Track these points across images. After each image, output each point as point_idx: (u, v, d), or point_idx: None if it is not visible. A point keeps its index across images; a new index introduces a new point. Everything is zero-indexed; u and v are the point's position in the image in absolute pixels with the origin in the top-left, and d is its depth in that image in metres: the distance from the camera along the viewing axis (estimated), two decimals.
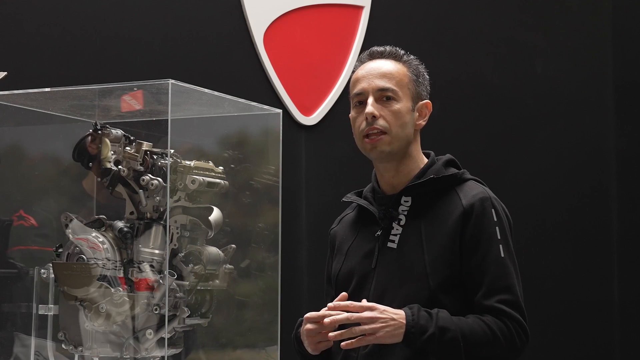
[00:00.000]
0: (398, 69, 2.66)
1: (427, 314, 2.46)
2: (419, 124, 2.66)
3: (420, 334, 2.43)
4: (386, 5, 4.87)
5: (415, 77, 2.66)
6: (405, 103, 2.63)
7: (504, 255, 2.53)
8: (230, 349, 2.82)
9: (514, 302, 2.50)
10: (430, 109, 2.69)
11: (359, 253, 2.66)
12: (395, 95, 2.63)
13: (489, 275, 2.51)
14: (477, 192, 2.58)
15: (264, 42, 4.47)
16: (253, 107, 2.85)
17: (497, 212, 2.56)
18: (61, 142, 2.78)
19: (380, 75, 2.64)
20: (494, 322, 2.48)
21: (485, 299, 2.50)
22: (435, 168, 2.64)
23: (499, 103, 5.23)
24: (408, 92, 2.64)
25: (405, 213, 2.61)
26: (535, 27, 5.35)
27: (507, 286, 2.51)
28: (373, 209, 2.65)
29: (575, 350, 5.28)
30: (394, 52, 2.69)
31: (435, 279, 2.52)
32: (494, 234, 2.53)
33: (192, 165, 2.60)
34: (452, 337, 2.44)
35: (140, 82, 2.59)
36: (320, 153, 4.63)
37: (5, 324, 2.69)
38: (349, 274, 2.66)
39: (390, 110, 2.62)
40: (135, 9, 4.08)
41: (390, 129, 2.61)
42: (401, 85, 2.64)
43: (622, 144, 5.45)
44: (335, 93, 4.68)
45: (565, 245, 5.33)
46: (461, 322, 2.46)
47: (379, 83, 2.63)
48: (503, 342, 2.47)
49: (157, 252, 2.54)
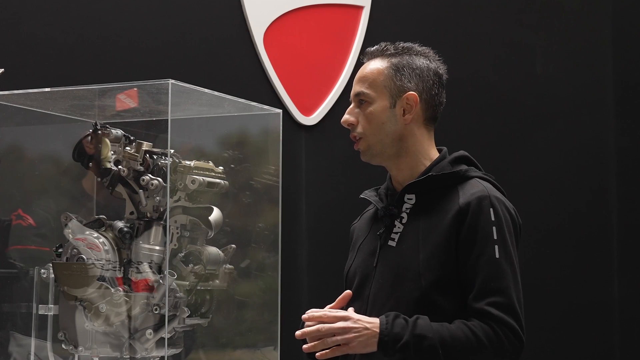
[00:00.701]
0: (375, 68, 2.60)
1: (404, 321, 2.41)
2: (406, 117, 2.58)
3: (394, 342, 2.39)
4: (386, 5, 4.87)
5: (394, 72, 2.58)
6: (380, 103, 2.58)
7: (499, 256, 2.45)
8: (230, 349, 2.82)
9: (505, 305, 2.42)
10: (416, 100, 2.58)
11: (366, 251, 2.64)
12: (367, 98, 2.59)
13: (481, 277, 2.44)
14: (477, 191, 2.52)
15: (264, 42, 4.47)
16: (253, 107, 2.85)
17: (497, 211, 2.49)
18: (61, 142, 2.78)
19: (357, 80, 2.62)
20: (480, 327, 2.41)
21: (475, 301, 2.44)
22: (440, 165, 2.59)
23: (499, 103, 5.23)
24: (384, 90, 2.58)
25: (407, 211, 2.58)
26: (535, 27, 5.35)
27: (500, 288, 2.43)
28: (380, 205, 2.63)
29: (575, 351, 5.28)
30: (381, 49, 2.63)
31: (427, 278, 2.47)
32: (489, 234, 2.46)
33: (192, 165, 2.60)
34: (429, 345, 2.38)
35: (140, 82, 2.59)
36: (320, 153, 4.63)
37: (5, 324, 2.69)
38: (355, 272, 2.65)
39: (364, 114, 2.59)
40: (135, 9, 4.08)
41: (365, 133, 2.59)
42: (374, 85, 2.59)
43: (622, 144, 5.45)
44: (335, 93, 4.68)
45: (565, 245, 5.33)
46: (442, 329, 2.41)
47: (355, 88, 2.62)
48: (489, 347, 2.40)
49: (156, 250, 2.53)
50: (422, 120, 2.61)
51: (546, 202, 5.29)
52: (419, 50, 2.64)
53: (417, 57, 2.62)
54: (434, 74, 2.63)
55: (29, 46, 3.76)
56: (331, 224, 2.85)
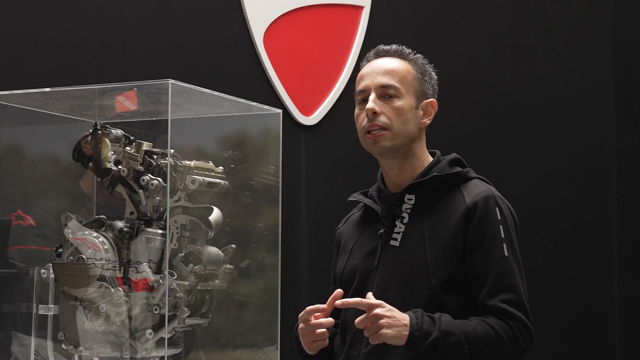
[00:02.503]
0: (402, 66, 2.65)
1: (429, 318, 2.45)
2: (424, 122, 2.65)
3: (424, 338, 2.42)
4: (386, 5, 4.88)
5: (421, 75, 2.66)
6: (408, 100, 2.63)
7: (507, 254, 2.51)
8: (230, 349, 2.82)
9: (517, 301, 2.49)
10: (436, 107, 2.67)
11: (363, 251, 2.65)
12: (397, 92, 2.62)
13: (492, 275, 2.50)
14: (481, 191, 2.57)
15: (264, 42, 4.48)
16: (253, 107, 2.85)
17: (502, 210, 2.55)
18: (61, 142, 2.77)
19: (383, 73, 2.64)
20: (497, 324, 2.47)
21: (488, 299, 2.49)
22: (440, 166, 2.64)
23: (498, 103, 5.23)
24: (412, 90, 2.64)
25: (408, 211, 2.60)
26: (536, 27, 5.35)
27: (511, 285, 2.50)
28: (377, 207, 2.65)
29: (575, 350, 5.28)
30: (400, 50, 2.69)
31: (437, 277, 2.51)
32: (497, 232, 2.52)
33: (192, 165, 2.60)
34: (456, 341, 2.43)
35: (140, 82, 2.59)
36: (320, 153, 4.63)
37: (5, 324, 2.69)
38: (352, 273, 2.66)
39: (392, 107, 2.61)
40: (135, 9, 4.08)
41: (392, 125, 2.61)
42: (404, 82, 2.63)
43: (622, 144, 5.45)
44: (335, 93, 4.69)
45: (564, 246, 5.33)
46: (464, 325, 2.46)
47: (382, 80, 2.63)
48: (507, 343, 2.46)
49: (156, 250, 2.54)
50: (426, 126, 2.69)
51: (546, 202, 5.29)
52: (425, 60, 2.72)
53: (429, 66, 2.71)
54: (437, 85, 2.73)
55: (29, 46, 3.76)
56: (331, 224, 2.85)
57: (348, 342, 2.61)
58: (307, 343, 2.57)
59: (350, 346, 2.60)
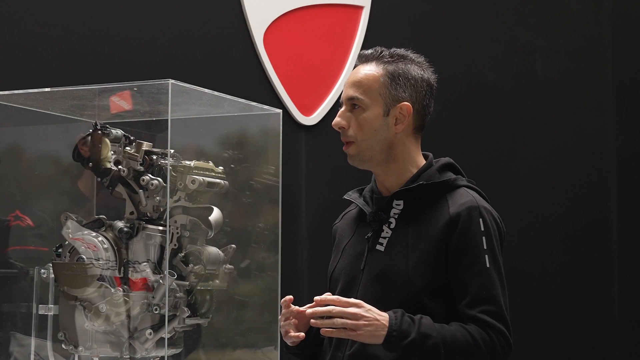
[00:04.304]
0: (371, 74, 2.60)
1: (409, 319, 2.45)
2: (398, 127, 2.60)
3: (401, 338, 2.42)
4: (386, 5, 4.88)
5: (390, 80, 2.59)
6: (373, 110, 2.59)
7: (489, 266, 2.50)
8: (230, 349, 2.82)
9: (497, 313, 2.49)
10: (409, 111, 2.59)
11: (352, 253, 2.66)
12: (361, 104, 2.59)
13: (473, 285, 2.49)
14: (466, 201, 2.55)
15: (264, 42, 4.48)
16: (253, 107, 2.85)
17: (485, 221, 2.53)
18: (61, 142, 2.78)
19: (352, 84, 2.61)
20: (477, 331, 2.47)
21: (468, 309, 2.49)
22: (429, 173, 2.62)
23: (499, 103, 5.23)
24: (378, 97, 2.59)
25: (395, 217, 2.60)
26: (535, 27, 5.35)
27: (491, 297, 2.49)
28: (368, 209, 2.65)
29: (575, 350, 5.28)
30: (377, 53, 2.63)
31: (416, 284, 2.51)
32: (479, 243, 2.51)
33: (192, 165, 2.60)
34: (433, 344, 2.42)
35: (140, 82, 2.59)
36: (320, 153, 4.63)
37: (5, 324, 2.69)
38: (340, 274, 2.67)
39: (357, 119, 2.59)
40: (135, 9, 4.08)
41: (356, 137, 2.59)
42: (369, 92, 2.59)
43: (622, 144, 5.45)
44: (335, 93, 4.69)
45: (565, 245, 5.33)
46: (443, 329, 2.45)
47: (349, 92, 2.61)
48: (485, 351, 2.46)
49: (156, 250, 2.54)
50: (411, 129, 2.63)
51: (546, 202, 5.29)
52: (413, 58, 2.65)
53: (412, 67, 2.63)
54: (427, 84, 2.64)
55: (29, 46, 3.76)
56: (331, 224, 2.85)
57: (334, 344, 2.62)
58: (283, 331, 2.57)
59: (336, 348, 2.60)
